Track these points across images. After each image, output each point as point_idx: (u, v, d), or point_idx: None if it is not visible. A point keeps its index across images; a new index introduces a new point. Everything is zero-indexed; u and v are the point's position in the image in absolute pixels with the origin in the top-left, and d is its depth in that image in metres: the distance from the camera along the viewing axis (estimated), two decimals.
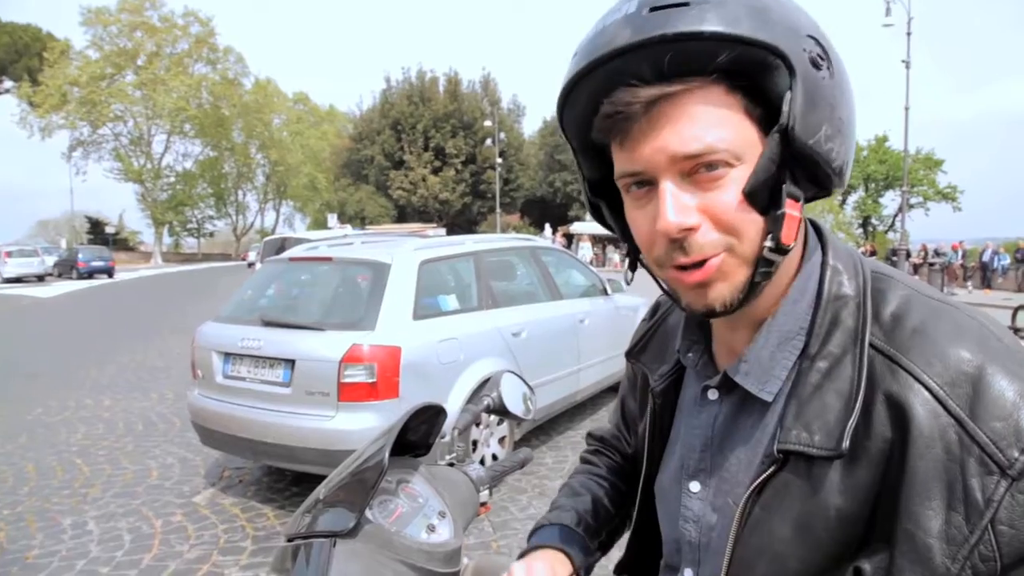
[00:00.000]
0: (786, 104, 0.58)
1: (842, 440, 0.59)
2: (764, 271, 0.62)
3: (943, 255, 21.37)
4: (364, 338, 3.65)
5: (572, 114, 0.66)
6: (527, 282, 5.40)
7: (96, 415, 6.27)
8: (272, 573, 0.73)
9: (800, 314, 0.67)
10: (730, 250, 0.61)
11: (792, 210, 0.60)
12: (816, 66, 0.59)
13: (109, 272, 30.46)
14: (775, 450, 0.62)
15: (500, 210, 41.94)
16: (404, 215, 43.37)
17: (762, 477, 0.63)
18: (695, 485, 0.74)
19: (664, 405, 0.82)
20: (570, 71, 0.63)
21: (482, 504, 0.93)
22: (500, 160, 40.84)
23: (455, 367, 4.02)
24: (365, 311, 3.85)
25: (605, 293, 5.95)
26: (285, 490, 4.30)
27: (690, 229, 0.60)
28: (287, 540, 0.73)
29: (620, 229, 0.73)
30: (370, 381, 3.57)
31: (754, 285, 0.63)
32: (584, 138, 0.68)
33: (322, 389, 3.63)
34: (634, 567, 0.93)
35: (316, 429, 3.61)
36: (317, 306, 4.37)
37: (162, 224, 48.98)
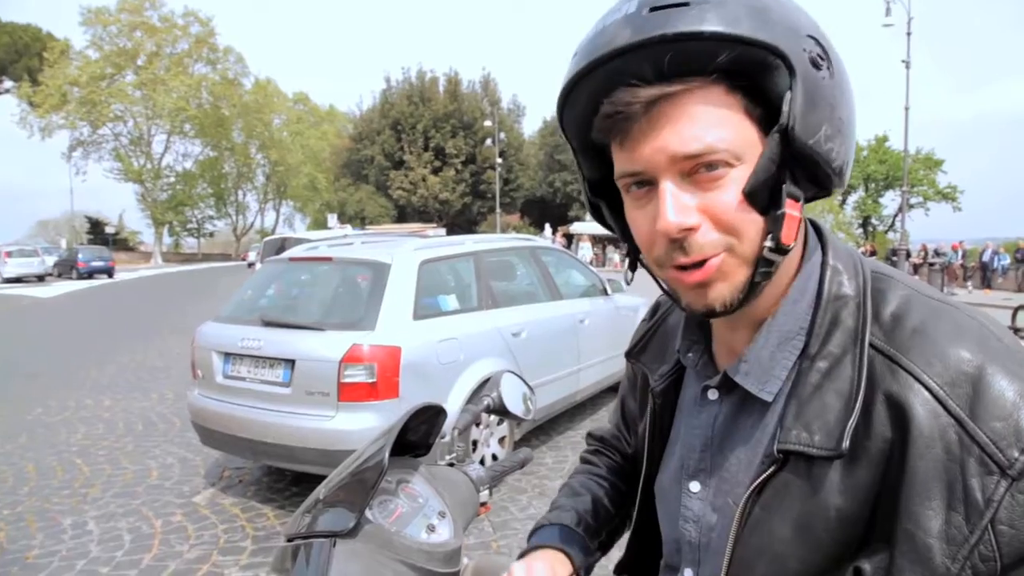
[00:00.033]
0: (786, 104, 0.58)
1: (842, 440, 0.58)
2: (764, 271, 0.62)
3: (943, 255, 21.38)
4: (364, 338, 3.65)
5: (572, 114, 0.66)
6: (527, 282, 5.40)
7: (96, 415, 6.27)
8: (272, 573, 0.73)
9: (800, 314, 0.67)
10: (730, 250, 0.61)
11: (792, 210, 0.60)
12: (816, 66, 0.59)
13: (109, 272, 30.46)
14: (775, 450, 0.62)
15: (500, 210, 41.94)
16: (404, 215, 43.36)
17: (762, 477, 0.63)
18: (695, 485, 0.74)
19: (664, 405, 0.82)
20: (570, 71, 0.63)
21: (482, 504, 0.93)
22: (500, 160, 40.84)
23: (455, 367, 4.02)
24: (365, 311, 3.85)
25: (605, 293, 5.95)
26: (285, 490, 4.31)
27: (690, 229, 0.60)
28: (287, 540, 0.73)
29: (620, 229, 0.73)
30: (370, 381, 3.57)
31: (754, 285, 0.63)
32: (584, 138, 0.68)
33: (322, 389, 3.63)
34: (634, 567, 0.93)
35: (316, 429, 3.62)
36: (317, 306, 4.37)
37: (162, 224, 48.99)
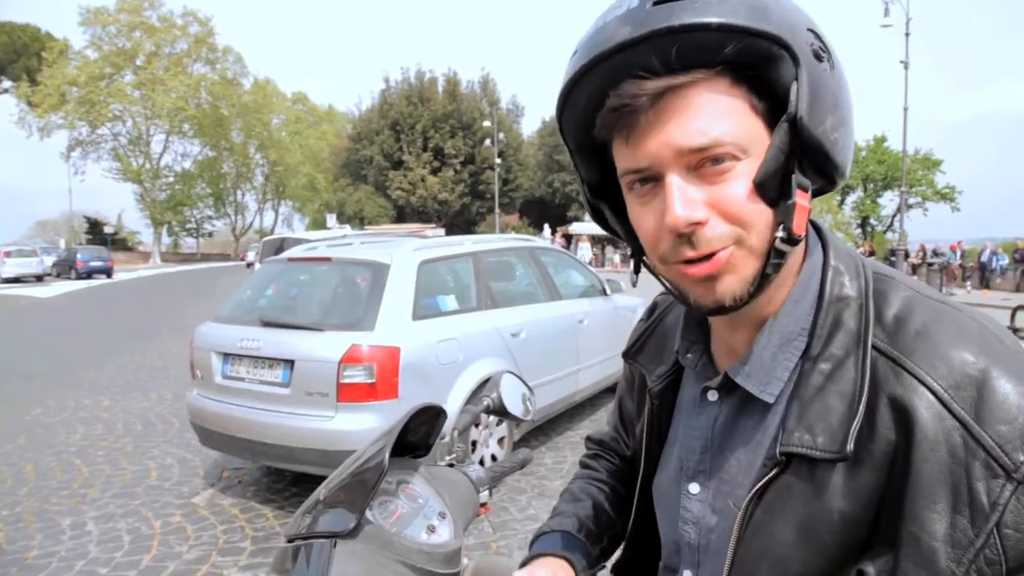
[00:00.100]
0: (793, 93, 0.58)
1: (846, 443, 0.58)
2: (776, 262, 0.62)
3: (941, 255, 21.37)
4: (363, 338, 3.65)
5: (573, 113, 0.66)
6: (526, 282, 5.39)
7: (95, 416, 6.26)
8: (272, 574, 0.73)
9: (802, 315, 0.66)
10: (739, 242, 0.61)
11: (802, 200, 0.60)
12: (818, 58, 0.60)
13: (108, 272, 30.42)
14: (777, 452, 0.62)
15: (499, 210, 41.97)
16: (403, 215, 43.35)
17: (764, 480, 0.63)
18: (694, 487, 0.74)
19: (662, 406, 0.82)
20: (571, 69, 0.63)
21: (482, 505, 0.93)
22: (499, 160, 40.86)
23: (454, 367, 4.02)
24: (364, 311, 3.84)
25: (604, 293, 5.95)
26: (284, 491, 4.30)
27: (698, 223, 0.60)
28: (287, 541, 0.73)
29: (624, 231, 0.73)
30: (369, 382, 3.57)
31: (765, 277, 0.62)
32: (584, 139, 0.68)
33: (321, 389, 3.62)
34: (632, 568, 0.92)
35: (315, 430, 3.61)
36: (316, 306, 4.37)
37: (161, 224, 48.93)
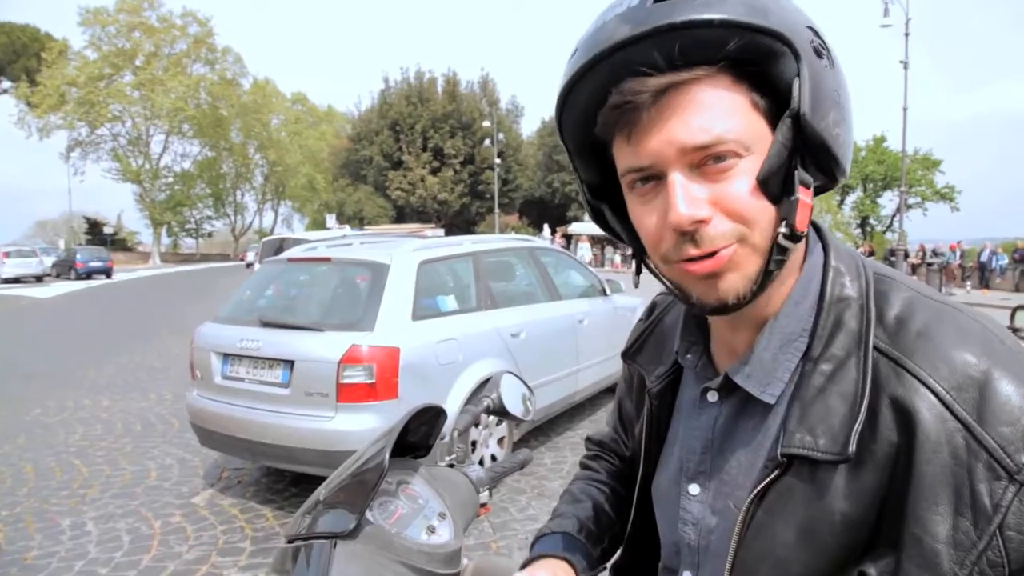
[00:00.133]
0: (796, 89, 0.58)
1: (848, 444, 0.58)
2: (778, 259, 0.62)
3: (941, 255, 21.38)
4: (363, 339, 3.65)
5: (573, 112, 0.65)
6: (526, 283, 5.39)
7: (94, 416, 6.26)
8: (272, 574, 0.73)
9: (802, 315, 0.66)
10: (742, 240, 0.60)
11: (805, 196, 0.60)
12: (819, 55, 0.60)
13: (107, 272, 30.42)
14: (779, 454, 0.62)
15: (498, 210, 41.96)
16: (402, 215, 43.35)
17: (765, 481, 0.63)
18: (694, 488, 0.74)
19: (661, 406, 0.82)
20: (571, 68, 0.62)
21: (482, 505, 0.93)
22: (498, 160, 40.86)
23: (454, 368, 4.02)
24: (364, 312, 3.84)
25: (604, 294, 5.95)
26: (284, 491, 4.30)
27: (701, 221, 0.59)
28: (287, 541, 0.73)
29: (624, 231, 0.72)
30: (369, 382, 3.57)
31: (768, 274, 0.62)
32: (583, 139, 0.67)
33: (321, 390, 3.62)
34: (631, 569, 0.92)
35: (315, 430, 3.61)
36: (316, 307, 4.37)
37: (160, 224, 48.92)
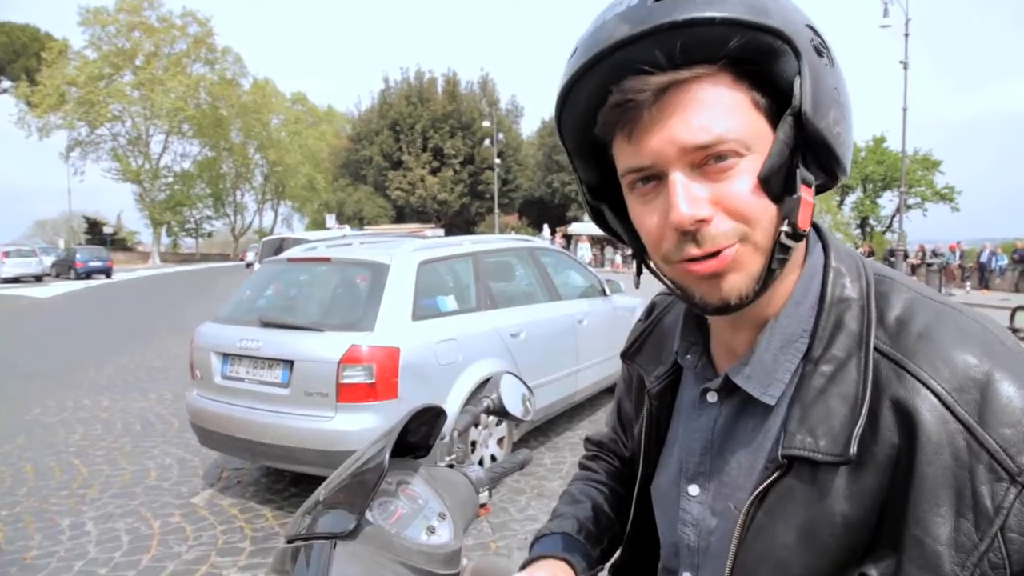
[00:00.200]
0: (797, 87, 0.58)
1: (849, 446, 0.58)
2: (781, 258, 0.61)
3: (941, 256, 21.39)
4: (363, 339, 3.65)
5: (573, 112, 0.65)
6: (526, 283, 5.39)
7: (94, 416, 6.26)
8: (271, 574, 0.73)
9: (803, 316, 0.66)
10: (744, 239, 0.60)
11: (806, 195, 0.60)
12: (819, 53, 0.60)
13: (107, 272, 30.41)
14: (779, 455, 0.62)
15: (498, 210, 41.96)
16: (402, 215, 43.35)
17: (766, 482, 0.63)
18: (694, 488, 0.74)
19: (660, 407, 0.82)
20: (571, 68, 0.62)
21: (481, 505, 0.93)
22: (498, 160, 40.86)
23: (454, 368, 4.02)
24: (364, 312, 3.84)
25: (603, 294, 5.95)
26: (284, 491, 4.30)
27: (703, 221, 0.59)
28: (287, 541, 0.73)
29: (625, 231, 0.72)
30: (369, 382, 3.57)
31: (770, 273, 0.62)
32: (583, 139, 0.67)
33: (321, 390, 3.62)
34: (631, 569, 0.92)
35: (315, 430, 3.61)
36: (316, 307, 4.37)
37: (160, 224, 48.92)
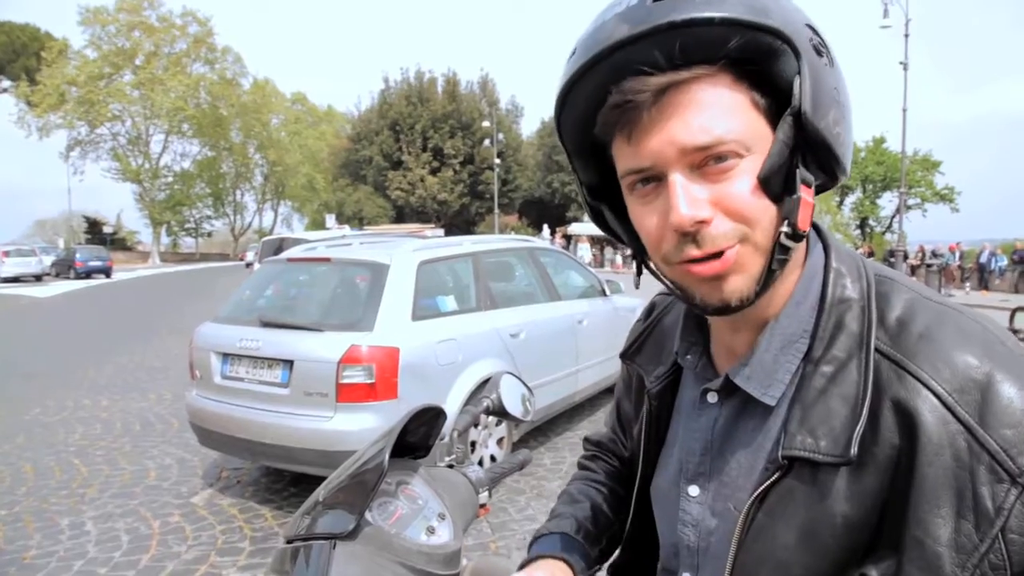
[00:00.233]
0: (797, 87, 0.58)
1: (849, 446, 0.58)
2: (781, 259, 0.61)
3: (940, 256, 21.40)
4: (363, 339, 3.65)
5: (572, 113, 0.65)
6: (525, 283, 5.39)
7: (94, 415, 6.26)
8: (271, 574, 0.73)
9: (803, 317, 0.66)
10: (744, 240, 0.60)
11: (806, 195, 0.60)
12: (819, 53, 0.60)
13: (107, 272, 30.40)
14: (779, 456, 0.62)
15: (498, 211, 41.97)
16: (402, 215, 43.35)
17: (766, 483, 0.63)
18: (694, 489, 0.74)
19: (660, 407, 0.82)
20: (570, 68, 0.62)
21: (481, 506, 0.93)
22: (498, 161, 40.86)
23: (454, 368, 4.02)
24: (364, 312, 3.84)
25: (603, 294, 5.95)
26: (283, 491, 4.30)
27: (703, 222, 0.59)
28: (286, 542, 0.73)
29: (624, 232, 0.72)
30: (368, 382, 3.57)
31: (770, 274, 0.62)
32: (582, 140, 0.67)
33: (320, 390, 3.62)
34: (630, 569, 0.92)
35: (314, 430, 3.61)
36: (315, 307, 4.37)
37: (160, 224, 48.91)
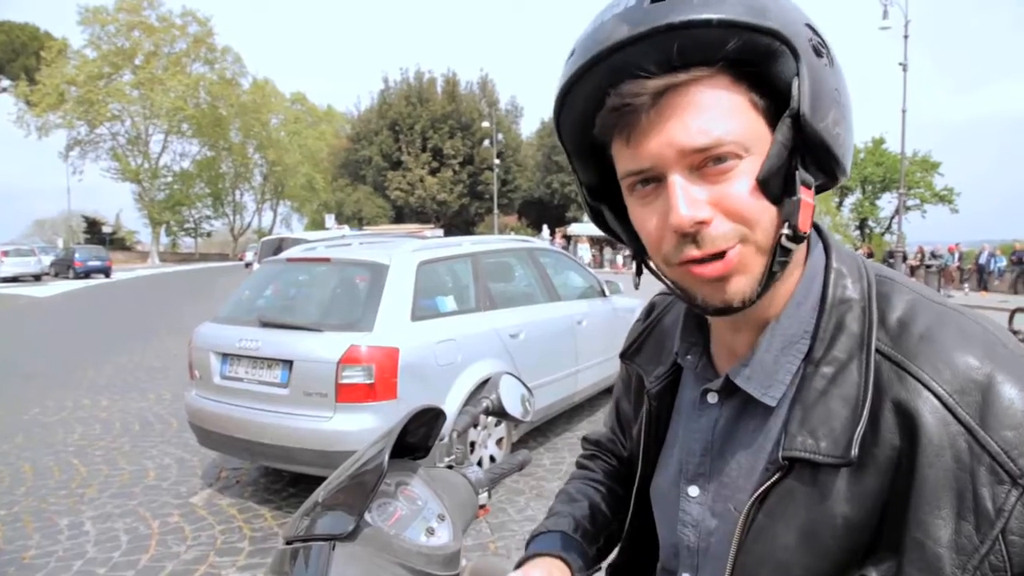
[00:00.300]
0: (795, 88, 0.58)
1: (850, 448, 0.58)
2: (782, 260, 0.61)
3: (940, 257, 21.41)
4: (362, 339, 3.65)
5: (571, 114, 0.65)
6: (525, 283, 5.39)
7: (93, 415, 6.25)
8: (270, 575, 0.73)
9: (804, 317, 0.66)
10: (744, 240, 0.60)
11: (806, 196, 0.60)
12: (818, 54, 0.60)
13: (106, 272, 30.38)
14: (780, 456, 0.61)
15: (498, 211, 41.97)
16: (402, 216, 43.35)
17: (767, 484, 0.63)
18: (694, 489, 0.73)
19: (660, 407, 0.81)
20: (569, 69, 0.62)
21: (481, 506, 0.92)
22: (498, 161, 40.89)
23: (453, 368, 4.02)
24: (363, 312, 3.84)
25: (603, 294, 5.94)
26: (282, 491, 4.30)
27: (702, 222, 0.59)
28: (286, 543, 0.73)
29: (624, 232, 0.72)
30: (368, 382, 3.57)
31: (771, 275, 0.62)
32: (582, 140, 0.67)
33: (320, 390, 3.62)
34: (629, 569, 0.92)
35: (314, 430, 3.61)
36: (315, 307, 4.36)
37: (159, 224, 48.90)
